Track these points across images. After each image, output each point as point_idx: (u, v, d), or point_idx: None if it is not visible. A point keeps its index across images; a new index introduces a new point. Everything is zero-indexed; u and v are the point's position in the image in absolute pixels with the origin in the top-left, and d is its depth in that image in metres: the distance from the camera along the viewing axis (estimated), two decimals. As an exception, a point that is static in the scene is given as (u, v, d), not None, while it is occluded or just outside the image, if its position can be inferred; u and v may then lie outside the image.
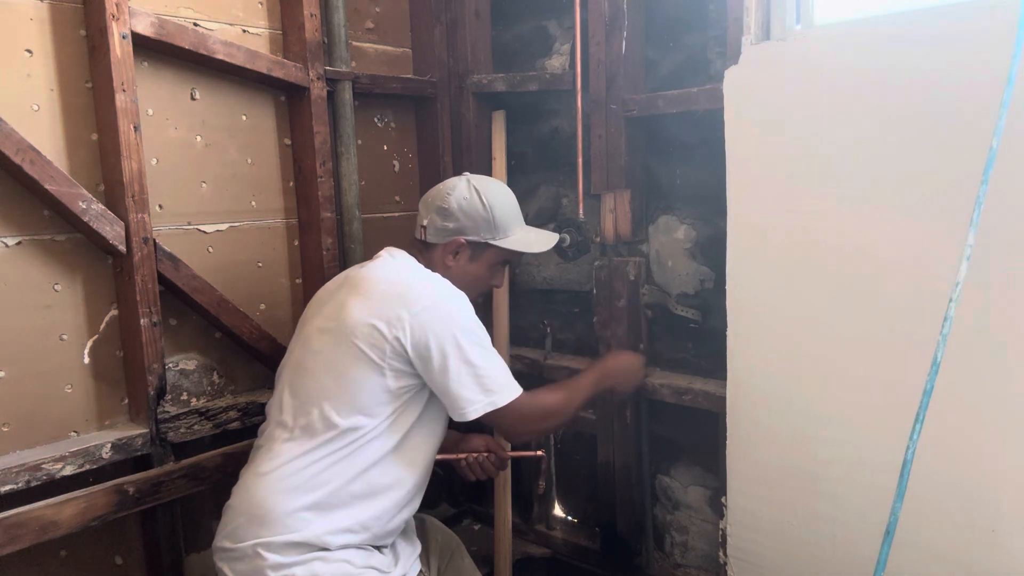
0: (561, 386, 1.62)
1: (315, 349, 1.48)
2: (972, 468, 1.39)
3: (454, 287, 1.50)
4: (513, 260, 1.67)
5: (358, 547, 1.43)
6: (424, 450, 1.50)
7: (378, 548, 1.48)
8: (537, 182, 2.25)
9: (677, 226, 1.95)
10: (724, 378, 1.73)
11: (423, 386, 1.45)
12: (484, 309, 1.79)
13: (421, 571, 1.56)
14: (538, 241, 1.66)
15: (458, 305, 1.46)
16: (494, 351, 1.47)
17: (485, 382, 1.42)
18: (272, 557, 1.35)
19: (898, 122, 1.41)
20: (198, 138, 1.82)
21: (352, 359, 1.40)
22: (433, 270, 1.55)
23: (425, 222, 1.59)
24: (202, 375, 1.84)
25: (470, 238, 1.56)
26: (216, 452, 1.79)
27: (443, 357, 1.39)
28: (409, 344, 1.39)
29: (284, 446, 1.43)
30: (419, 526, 1.69)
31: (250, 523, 1.39)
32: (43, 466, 1.52)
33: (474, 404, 1.41)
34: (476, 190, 1.58)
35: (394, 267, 1.53)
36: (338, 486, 1.40)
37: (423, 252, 1.60)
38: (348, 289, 1.49)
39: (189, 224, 1.81)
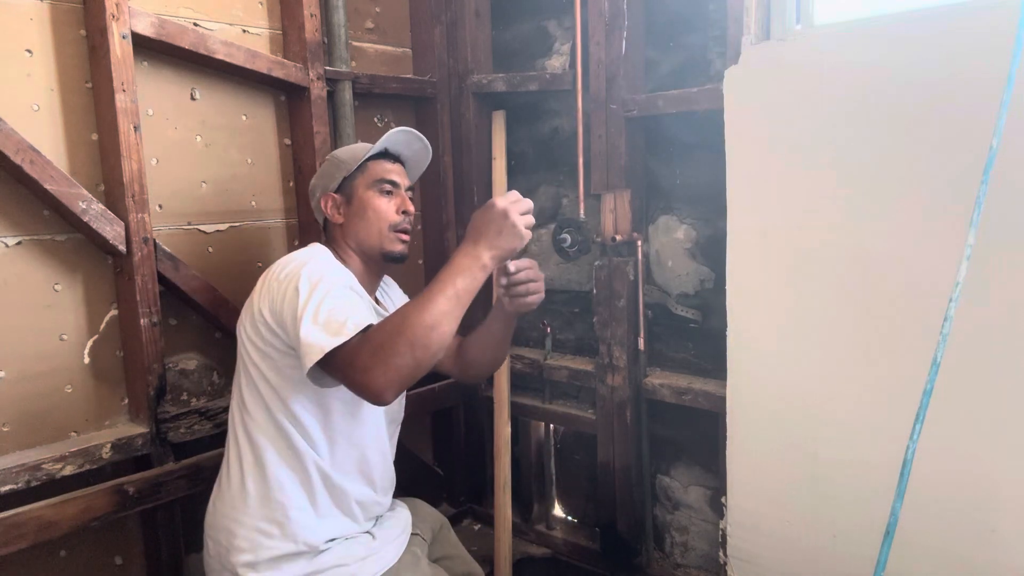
0: (419, 297, 1.24)
1: (247, 364, 1.46)
2: (972, 468, 1.39)
3: (312, 249, 1.47)
4: (382, 175, 1.53)
5: (351, 538, 1.46)
6: (336, 422, 1.44)
7: (368, 533, 1.52)
8: (537, 182, 2.25)
9: (677, 226, 1.95)
10: (724, 378, 1.73)
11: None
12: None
13: (416, 534, 1.61)
14: (386, 135, 1.54)
15: (307, 259, 1.40)
16: (343, 295, 1.32)
17: (317, 329, 1.24)
18: None
19: (898, 122, 1.41)
20: (198, 138, 1.82)
21: (250, 354, 1.42)
22: (335, 241, 1.55)
23: (315, 215, 1.62)
24: (202, 375, 1.84)
25: (332, 188, 1.55)
26: (216, 452, 1.79)
27: (291, 312, 1.30)
28: (268, 313, 1.37)
29: (230, 464, 1.48)
30: (408, 506, 1.71)
31: (224, 554, 1.43)
32: (43, 466, 1.52)
33: (308, 353, 1.23)
34: (325, 160, 1.62)
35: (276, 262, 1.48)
36: (284, 490, 1.41)
37: (328, 237, 1.59)
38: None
39: (189, 224, 1.81)
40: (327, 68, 1.97)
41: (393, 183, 1.54)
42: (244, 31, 1.89)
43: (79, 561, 1.69)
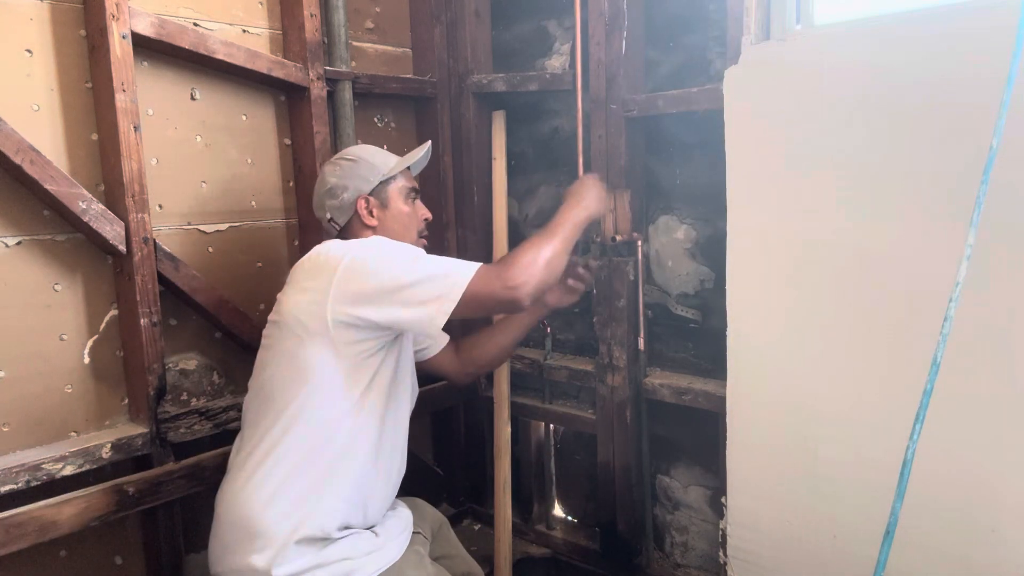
0: (538, 234, 1.49)
1: (266, 344, 1.53)
2: (972, 468, 1.39)
3: (372, 237, 1.52)
4: (411, 184, 1.68)
5: (355, 533, 1.47)
6: (384, 408, 1.50)
7: (370, 530, 1.52)
8: (537, 182, 2.25)
9: (677, 226, 1.95)
10: (724, 378, 1.73)
11: (380, 347, 1.46)
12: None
13: (417, 532, 1.62)
14: (416, 151, 1.70)
15: (376, 243, 1.47)
16: (432, 256, 1.45)
17: (438, 282, 1.38)
18: (272, 570, 1.37)
19: (898, 122, 1.41)
20: (198, 138, 1.82)
21: (300, 340, 1.42)
22: (357, 237, 1.58)
23: (328, 215, 1.64)
24: (202, 375, 1.84)
25: (366, 191, 1.61)
26: (216, 452, 1.79)
27: (388, 289, 1.38)
28: (348, 299, 1.39)
29: (256, 448, 1.45)
30: (408, 505, 1.72)
31: (240, 538, 1.42)
32: (43, 466, 1.52)
33: (441, 305, 1.37)
34: (336, 159, 1.67)
35: (318, 248, 1.53)
36: (314, 472, 1.42)
37: (348, 237, 1.62)
38: (285, 286, 1.53)
39: (189, 224, 1.81)
40: (327, 68, 1.97)
41: (417, 192, 1.70)
42: (244, 31, 1.89)
43: (79, 561, 1.69)
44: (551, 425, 2.30)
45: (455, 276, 1.38)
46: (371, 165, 1.62)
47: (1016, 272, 1.30)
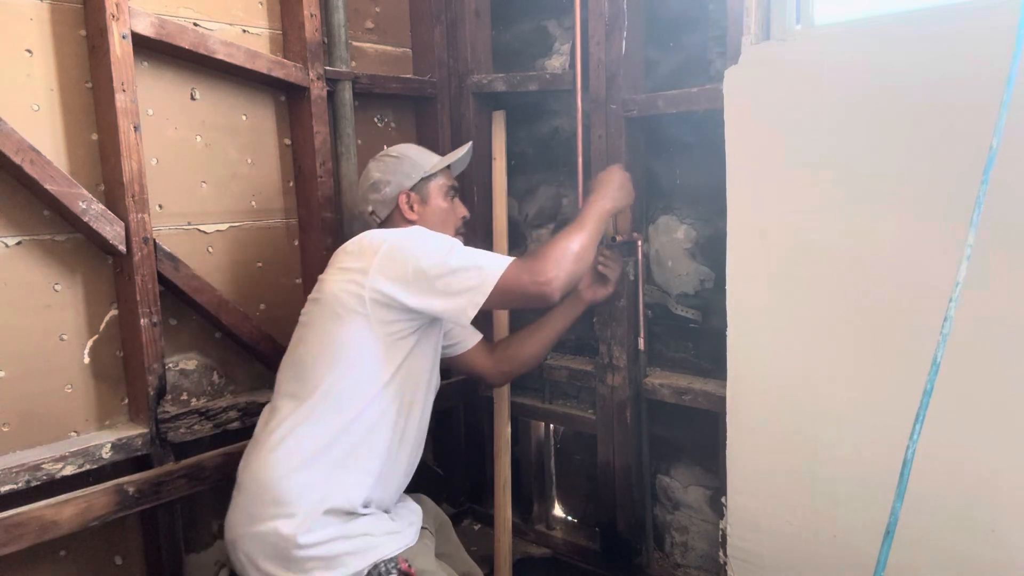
0: (568, 229, 1.58)
1: (304, 322, 1.58)
2: (972, 468, 1.39)
3: (412, 227, 1.60)
4: (451, 182, 1.77)
5: (375, 513, 1.51)
6: (411, 392, 1.56)
7: (387, 512, 1.56)
8: (537, 182, 2.25)
9: (677, 226, 1.95)
10: (724, 378, 1.73)
11: (412, 330, 1.51)
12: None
13: (424, 528, 1.65)
14: (457, 151, 1.79)
15: (415, 232, 1.54)
16: (468, 247, 1.51)
17: (471, 273, 1.45)
18: (298, 536, 1.40)
19: (898, 122, 1.41)
20: (198, 138, 1.82)
21: (338, 317, 1.47)
22: None
23: (370, 208, 1.73)
24: (202, 375, 1.84)
25: (407, 186, 1.70)
26: (216, 452, 1.79)
27: (424, 276, 1.44)
28: (386, 282, 1.45)
29: (287, 418, 1.49)
30: (415, 500, 1.74)
31: (265, 503, 1.44)
32: (43, 466, 1.52)
33: (473, 296, 1.44)
34: (381, 155, 1.76)
35: (361, 235, 1.60)
36: (342, 446, 1.46)
37: (384, 226, 1.70)
38: (327, 267, 1.59)
39: (189, 224, 1.82)
40: (327, 68, 1.97)
41: (456, 190, 1.79)
42: (244, 31, 1.89)
43: (79, 561, 1.70)
44: (551, 425, 2.30)
45: (488, 269, 1.45)
46: (414, 162, 1.71)
47: (1016, 272, 1.30)
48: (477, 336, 1.91)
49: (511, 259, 1.48)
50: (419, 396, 1.59)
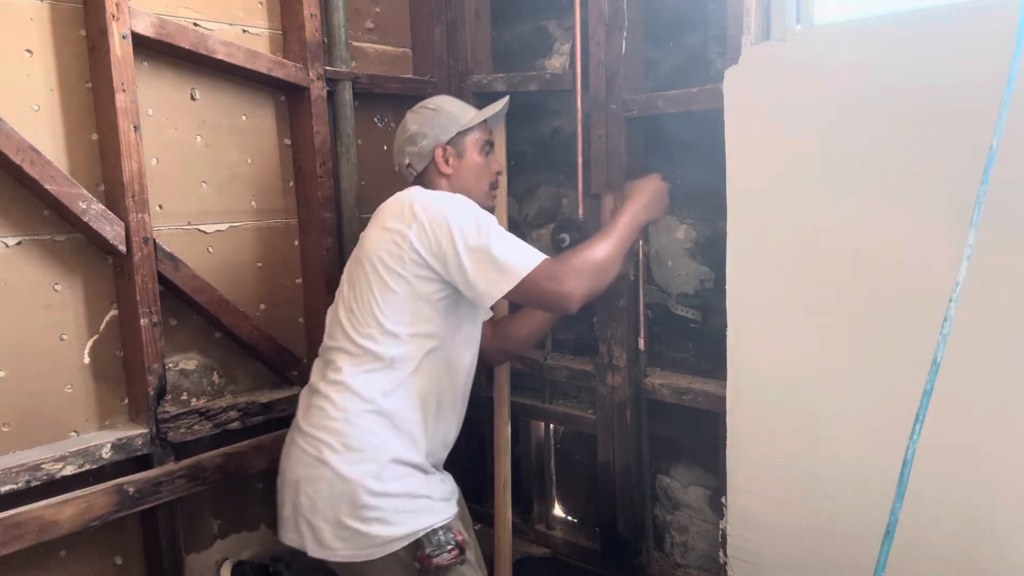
0: (597, 238, 1.59)
1: (349, 279, 1.60)
2: (972, 468, 1.39)
3: (456, 195, 1.59)
4: (489, 139, 1.77)
5: (434, 473, 1.58)
6: (456, 350, 1.61)
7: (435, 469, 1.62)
8: (537, 182, 2.25)
9: (677, 226, 1.95)
10: (724, 378, 1.73)
11: (450, 292, 1.53)
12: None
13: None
14: (494, 106, 1.80)
15: (458, 203, 1.54)
16: (505, 233, 1.52)
17: (499, 263, 1.45)
18: (365, 482, 1.46)
19: (898, 122, 1.41)
20: (198, 138, 1.82)
21: (381, 276, 1.51)
22: (432, 185, 1.69)
23: (406, 160, 1.73)
24: (202, 375, 1.84)
25: (444, 140, 1.70)
26: (216, 452, 1.79)
27: (455, 253, 1.46)
28: (422, 249, 1.48)
29: (342, 369, 1.53)
30: None
31: (333, 448, 1.49)
32: (43, 466, 1.52)
33: (494, 286, 1.45)
34: (419, 107, 1.76)
35: (404, 193, 1.62)
36: (398, 398, 1.52)
37: (425, 185, 1.70)
38: (369, 225, 1.62)
39: (189, 224, 1.82)
40: (327, 68, 1.97)
41: (492, 145, 1.78)
42: (244, 31, 1.89)
43: (79, 561, 1.70)
44: (551, 425, 2.30)
45: (518, 264, 1.45)
46: (451, 115, 1.71)
47: (1016, 272, 1.30)
48: (489, 314, 1.92)
49: (543, 258, 1.48)
50: (463, 356, 1.63)
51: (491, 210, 1.71)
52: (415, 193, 1.58)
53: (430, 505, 1.51)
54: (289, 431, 1.62)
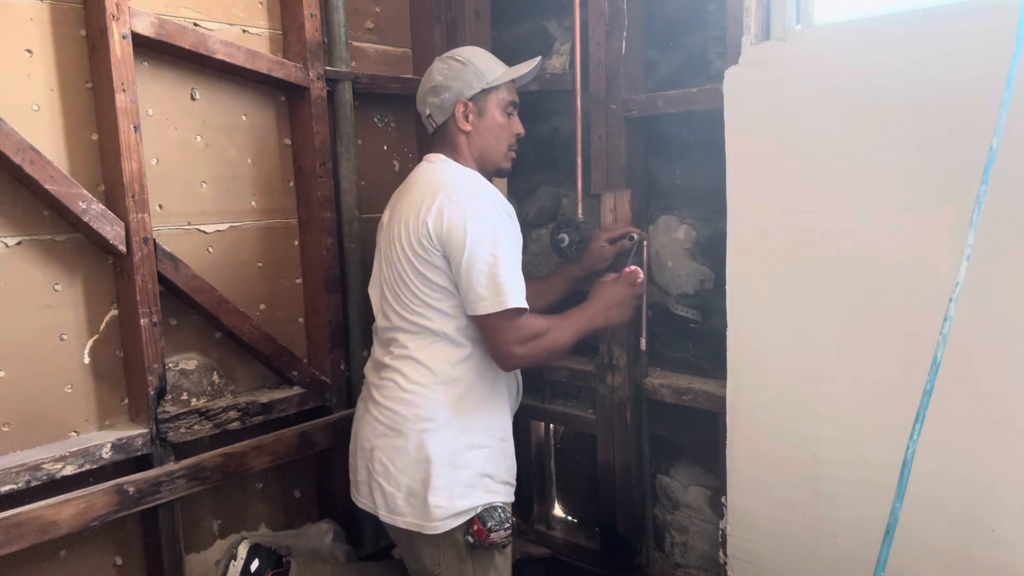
0: (557, 318, 1.64)
1: (390, 260, 1.61)
2: (972, 468, 1.39)
3: (485, 186, 1.61)
4: (513, 98, 1.72)
5: (505, 453, 1.65)
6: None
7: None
8: (537, 182, 2.25)
9: (677, 226, 1.95)
10: (724, 378, 1.73)
11: None
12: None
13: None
14: (523, 66, 1.73)
15: (484, 203, 1.54)
16: (515, 256, 1.54)
17: (498, 281, 1.48)
18: (437, 455, 1.52)
19: (898, 122, 1.41)
20: (198, 138, 1.82)
21: (411, 260, 1.54)
22: (457, 146, 1.67)
23: (427, 111, 1.70)
24: (202, 375, 1.84)
25: (467, 95, 1.65)
26: (216, 452, 1.79)
27: (466, 250, 1.48)
28: (436, 237, 1.51)
29: (407, 344, 1.58)
30: None
31: (407, 419, 1.54)
32: (43, 466, 1.52)
33: (484, 300, 1.48)
34: (449, 57, 1.70)
35: (431, 171, 1.64)
36: (461, 373, 1.57)
37: (444, 139, 1.70)
38: (399, 205, 1.63)
39: (189, 224, 1.82)
40: (327, 68, 1.97)
41: (516, 105, 1.73)
42: (244, 31, 1.89)
43: (79, 561, 1.70)
44: (551, 425, 2.30)
45: (498, 298, 1.48)
46: (477, 71, 1.66)
47: (1016, 272, 1.30)
48: None
49: (519, 306, 1.49)
50: None
51: (507, 172, 1.76)
52: (442, 179, 1.58)
53: (490, 486, 1.57)
54: (358, 404, 1.70)
